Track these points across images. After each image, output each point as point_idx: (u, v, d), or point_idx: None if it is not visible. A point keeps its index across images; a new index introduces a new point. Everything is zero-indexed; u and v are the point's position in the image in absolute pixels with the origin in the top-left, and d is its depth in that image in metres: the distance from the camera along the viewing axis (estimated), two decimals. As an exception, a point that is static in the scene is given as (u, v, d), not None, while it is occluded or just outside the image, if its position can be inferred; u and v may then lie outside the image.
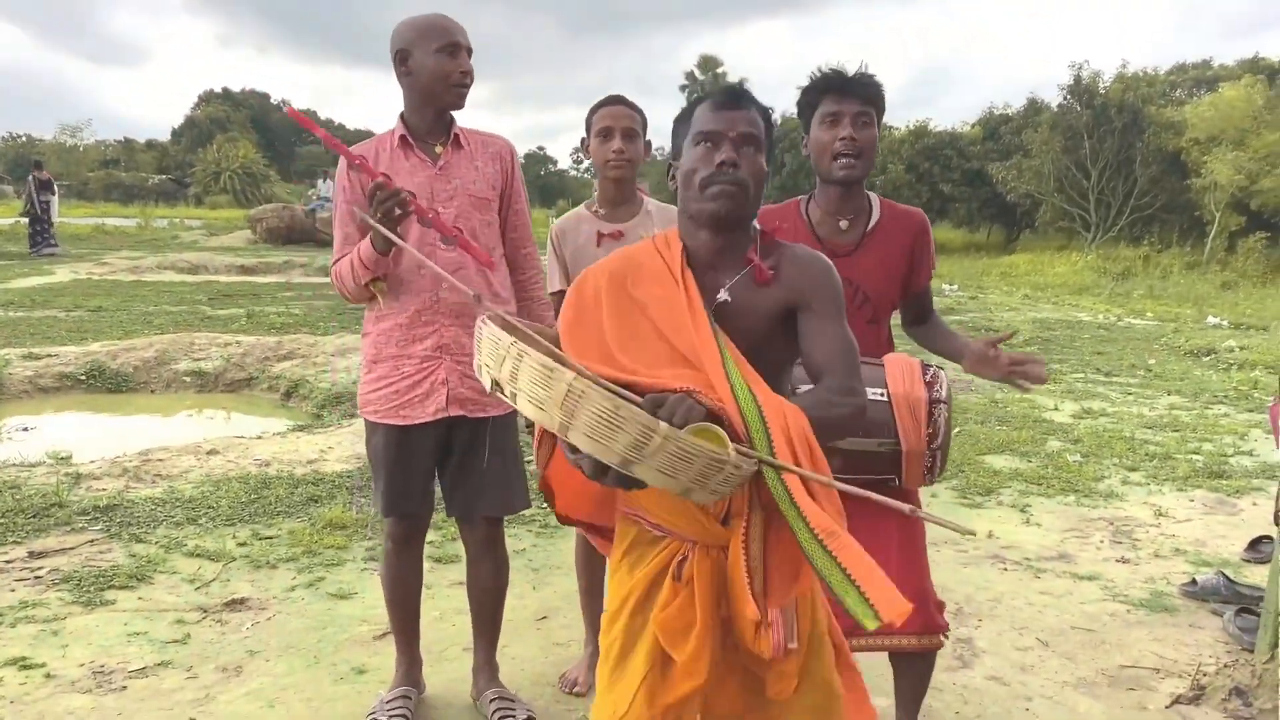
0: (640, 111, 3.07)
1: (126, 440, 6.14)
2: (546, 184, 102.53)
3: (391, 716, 2.80)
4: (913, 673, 2.62)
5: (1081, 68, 32.24)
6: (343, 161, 2.66)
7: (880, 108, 2.53)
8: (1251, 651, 3.34)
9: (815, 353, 1.82)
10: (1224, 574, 3.97)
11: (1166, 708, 3.09)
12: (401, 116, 2.73)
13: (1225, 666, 3.26)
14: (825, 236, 2.58)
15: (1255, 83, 29.53)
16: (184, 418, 7.59)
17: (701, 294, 1.81)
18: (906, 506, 1.51)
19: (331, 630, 3.47)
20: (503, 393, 1.54)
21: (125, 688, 3.03)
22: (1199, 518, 5.09)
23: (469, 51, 2.65)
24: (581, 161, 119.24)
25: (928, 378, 2.34)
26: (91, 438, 6.41)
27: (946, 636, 2.59)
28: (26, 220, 21.01)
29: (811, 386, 1.82)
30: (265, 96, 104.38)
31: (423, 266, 2.59)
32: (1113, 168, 31.85)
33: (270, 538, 4.32)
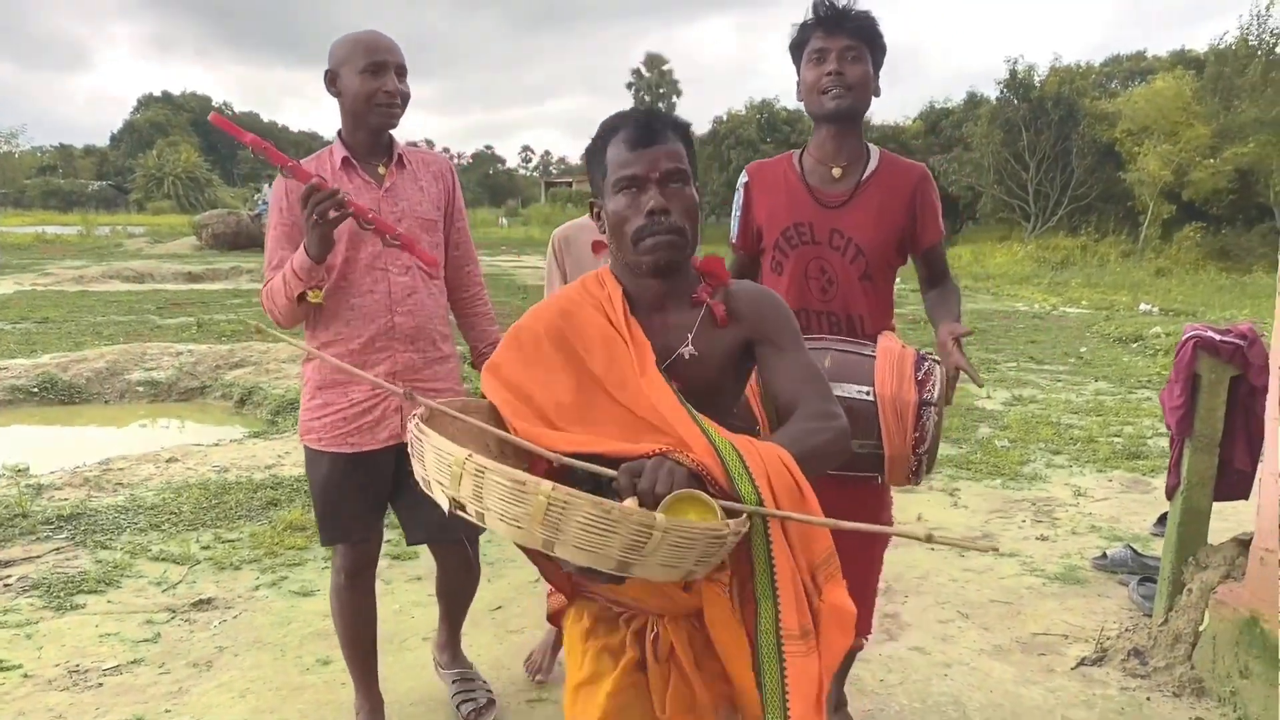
0: None
1: (83, 451, 6.23)
2: (495, 183, 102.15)
3: None
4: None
5: (1016, 62, 32.96)
6: (279, 179, 2.55)
7: (874, 44, 2.42)
8: (1150, 616, 3.64)
9: (783, 386, 1.73)
10: (1131, 547, 4.28)
11: (1071, 669, 3.37)
12: (339, 135, 2.65)
13: (1126, 630, 3.56)
14: (816, 185, 2.49)
15: (1184, 75, 30.40)
16: (138, 427, 7.64)
17: (650, 341, 1.72)
18: (923, 532, 1.40)
19: (296, 625, 3.65)
20: (465, 512, 1.38)
21: (101, 684, 3.20)
22: (1115, 496, 5.42)
23: (399, 70, 2.58)
24: (530, 160, 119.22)
25: (920, 374, 2.20)
26: (47, 449, 6.47)
27: (865, 641, 2.81)
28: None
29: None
30: (206, 99, 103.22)
31: (350, 374, 2.42)
32: (1050, 159, 32.62)
33: (232, 541, 4.48)
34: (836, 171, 2.47)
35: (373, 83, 2.52)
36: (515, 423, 1.65)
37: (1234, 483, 3.43)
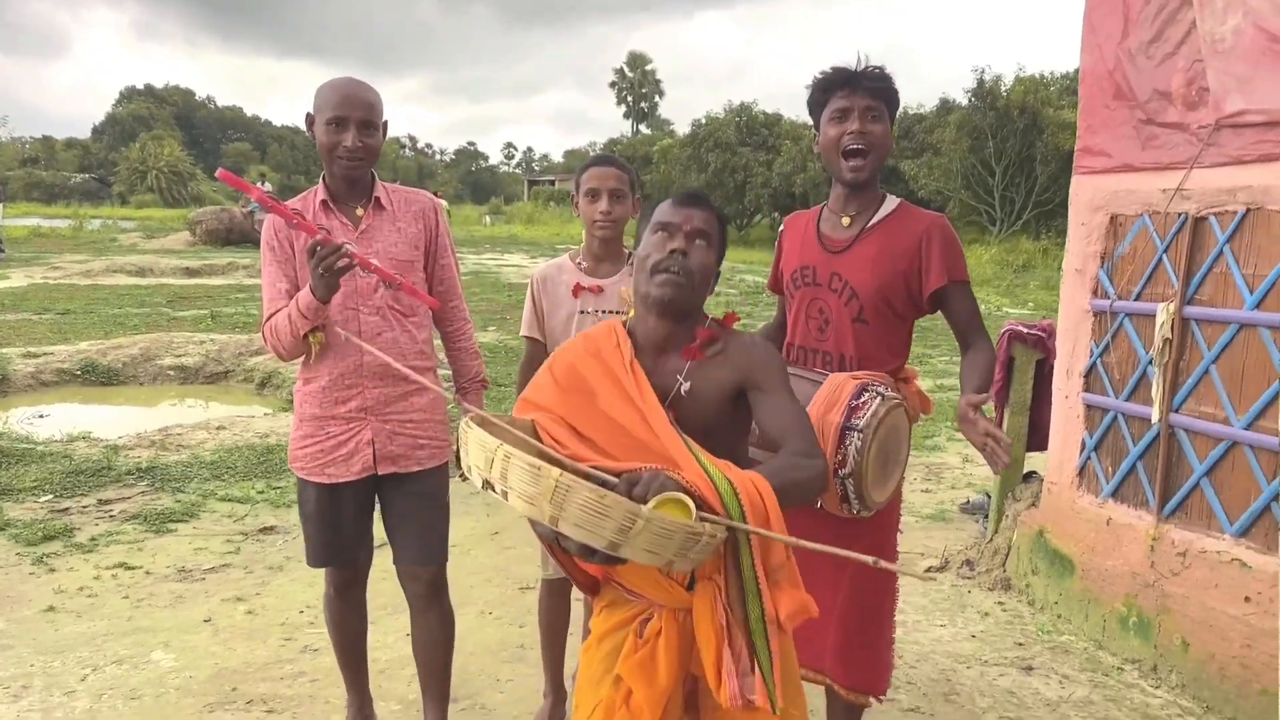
0: (628, 171, 3.04)
1: (130, 422, 7.35)
2: (478, 180, 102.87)
3: None
4: (840, 712, 2.67)
5: (983, 72, 34.19)
6: (270, 218, 2.63)
7: (891, 103, 2.50)
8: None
9: (771, 425, 1.90)
10: (988, 494, 5.47)
11: (922, 574, 4.55)
12: (322, 177, 2.74)
13: (965, 549, 4.76)
14: (826, 232, 2.59)
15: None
16: (173, 406, 8.77)
17: (652, 380, 1.93)
18: (869, 559, 1.52)
19: (342, 544, 4.79)
20: (494, 490, 1.61)
21: (204, 579, 4.34)
22: (996, 463, 6.62)
23: (362, 125, 2.61)
24: (513, 156, 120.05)
25: (856, 402, 2.27)
26: (98, 422, 7.55)
27: (879, 700, 2.66)
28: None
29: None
30: (190, 93, 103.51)
31: (368, 355, 2.61)
32: (1015, 166, 33.80)
33: (282, 487, 5.63)
34: (845, 220, 2.57)
35: (334, 136, 2.60)
36: (547, 430, 1.91)
37: (1042, 438, 4.62)
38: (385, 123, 2.72)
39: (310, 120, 2.67)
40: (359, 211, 2.71)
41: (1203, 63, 3.53)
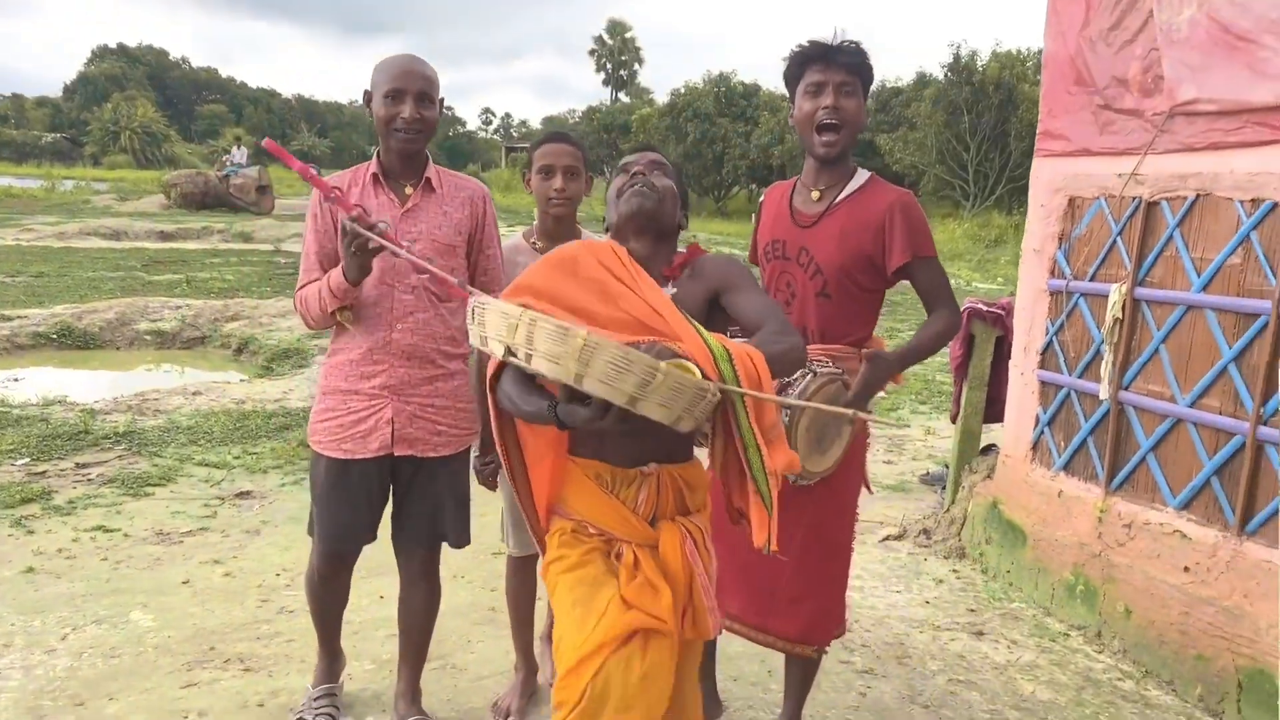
0: (583, 149, 3.05)
1: (107, 387, 7.39)
2: (455, 146, 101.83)
3: (317, 715, 3.00)
4: (795, 669, 2.85)
5: (960, 46, 34.23)
6: (315, 191, 2.65)
7: (866, 78, 2.55)
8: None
9: (747, 315, 2.08)
10: (947, 466, 5.63)
11: (879, 543, 4.72)
12: (376, 153, 2.76)
13: (923, 519, 4.92)
14: (798, 206, 2.64)
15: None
16: (150, 370, 8.80)
17: None
18: (850, 412, 1.78)
19: (317, 509, 4.90)
20: (516, 357, 1.68)
21: (182, 542, 4.43)
22: (959, 436, 6.80)
23: (419, 97, 2.63)
24: (490, 122, 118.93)
25: (788, 379, 2.35)
26: (74, 386, 7.60)
27: (822, 652, 2.81)
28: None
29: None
30: (164, 53, 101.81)
31: (419, 270, 2.52)
32: (990, 141, 33.91)
33: (258, 453, 5.70)
34: (815, 194, 2.63)
35: (392, 108, 2.62)
36: (542, 296, 2.00)
37: (999, 411, 4.76)
38: (442, 100, 2.74)
39: (368, 97, 2.69)
40: (408, 190, 2.72)
41: (1159, 51, 3.65)
